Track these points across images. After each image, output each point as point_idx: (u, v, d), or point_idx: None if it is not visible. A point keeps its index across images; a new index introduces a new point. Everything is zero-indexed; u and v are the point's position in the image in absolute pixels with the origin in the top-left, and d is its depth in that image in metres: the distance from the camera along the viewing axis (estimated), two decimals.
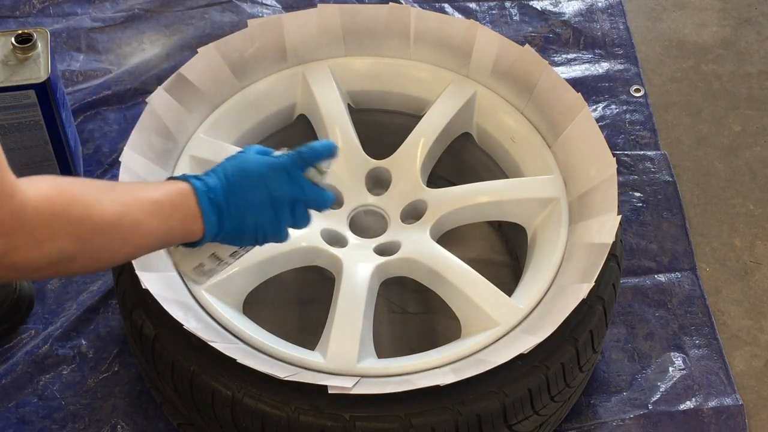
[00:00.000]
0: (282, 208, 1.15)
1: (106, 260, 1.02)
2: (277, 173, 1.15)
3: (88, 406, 1.52)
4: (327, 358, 1.30)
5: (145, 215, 1.03)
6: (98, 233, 0.97)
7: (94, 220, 0.97)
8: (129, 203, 1.02)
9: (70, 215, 0.94)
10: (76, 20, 2.07)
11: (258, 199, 1.13)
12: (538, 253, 1.46)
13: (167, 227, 1.06)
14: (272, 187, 1.14)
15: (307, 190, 1.17)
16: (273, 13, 2.09)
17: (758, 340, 1.65)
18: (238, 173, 1.13)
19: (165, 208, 1.05)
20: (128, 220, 1.01)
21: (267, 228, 1.15)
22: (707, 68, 2.07)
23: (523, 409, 1.28)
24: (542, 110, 1.55)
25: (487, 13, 2.14)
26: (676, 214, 1.80)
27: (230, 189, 1.11)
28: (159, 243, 1.08)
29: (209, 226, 1.09)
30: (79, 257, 0.96)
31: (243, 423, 1.26)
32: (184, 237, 1.10)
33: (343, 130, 1.56)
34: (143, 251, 1.07)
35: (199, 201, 1.08)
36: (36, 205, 0.91)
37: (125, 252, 1.03)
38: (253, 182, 1.13)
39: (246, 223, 1.13)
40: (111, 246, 1.00)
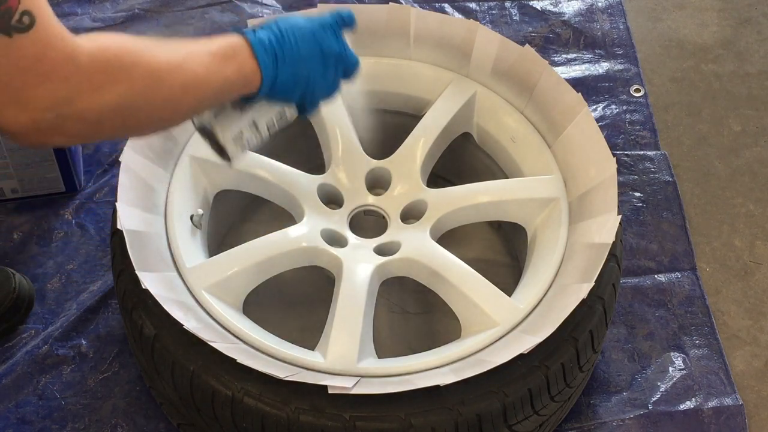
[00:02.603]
0: (329, 62, 1.20)
1: (171, 111, 1.04)
2: (326, 30, 1.20)
3: (88, 406, 1.52)
4: (327, 358, 1.30)
5: (200, 64, 1.05)
6: (155, 80, 0.99)
7: (150, 65, 0.99)
8: (183, 54, 1.04)
9: (122, 61, 0.96)
10: (76, 20, 2.07)
11: (310, 50, 1.18)
12: (538, 253, 1.46)
13: (225, 75, 1.08)
14: (322, 41, 1.19)
15: (349, 48, 1.24)
16: (273, 13, 2.09)
17: (758, 340, 1.65)
18: (289, 27, 1.17)
19: (220, 57, 1.08)
20: (185, 68, 1.03)
21: (317, 80, 1.20)
22: (707, 68, 2.07)
23: (523, 409, 1.28)
24: (542, 110, 1.55)
25: (487, 13, 2.14)
26: (676, 214, 1.80)
27: (284, 39, 1.15)
28: (219, 93, 1.09)
29: (266, 71, 1.12)
30: (142, 106, 0.98)
31: (243, 423, 1.26)
32: (243, 86, 1.12)
33: (343, 130, 1.56)
34: (206, 102, 1.09)
35: (253, 48, 1.11)
36: (89, 52, 0.93)
37: (188, 102, 1.05)
38: (306, 35, 1.18)
39: (299, 73, 1.17)
40: (171, 94, 1.02)
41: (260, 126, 1.23)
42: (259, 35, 1.14)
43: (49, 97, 0.91)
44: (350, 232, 1.50)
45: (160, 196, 1.45)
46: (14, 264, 1.66)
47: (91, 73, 0.93)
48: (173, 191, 1.46)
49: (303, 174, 1.53)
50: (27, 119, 0.91)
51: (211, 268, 1.39)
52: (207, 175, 1.51)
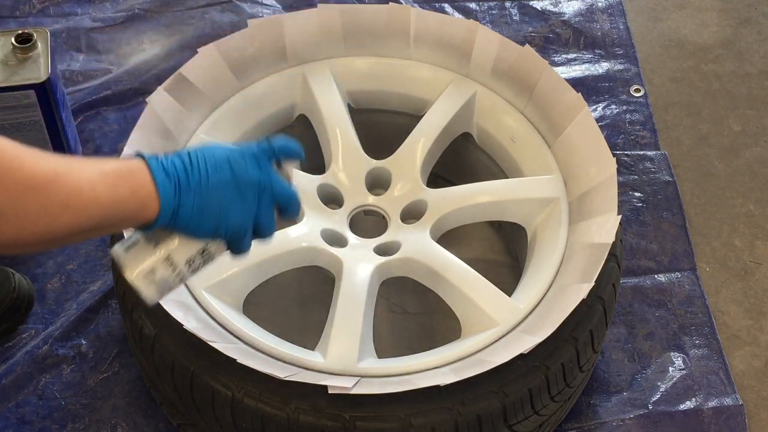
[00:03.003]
0: (247, 192, 1.05)
1: (45, 226, 0.90)
2: (244, 156, 1.06)
3: (88, 406, 1.52)
4: (327, 358, 1.30)
5: (87, 180, 0.93)
6: (30, 188, 0.87)
7: (25, 172, 0.87)
8: (69, 166, 0.92)
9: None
10: (76, 20, 2.07)
11: (221, 179, 1.03)
12: (538, 253, 1.46)
13: (115, 196, 0.95)
14: (238, 169, 1.04)
15: (274, 178, 1.08)
16: (273, 13, 2.09)
17: (758, 340, 1.65)
18: (200, 152, 1.04)
19: (113, 175, 0.95)
20: (68, 181, 0.91)
21: (231, 212, 1.04)
22: (707, 68, 2.07)
23: (523, 409, 1.28)
24: (542, 110, 1.55)
25: (487, 13, 2.14)
26: (676, 214, 1.80)
27: (191, 165, 1.02)
28: (108, 215, 0.95)
29: (165, 198, 0.98)
30: (9, 216, 0.86)
31: (243, 423, 1.26)
32: (137, 210, 0.98)
33: (343, 130, 1.56)
34: (89, 223, 0.94)
35: (152, 171, 0.98)
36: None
37: (67, 220, 0.91)
38: (218, 162, 1.03)
39: (208, 203, 1.02)
40: (48, 208, 0.89)
41: (178, 263, 1.06)
42: (163, 160, 1.01)
43: None
44: (350, 232, 1.50)
45: None
46: (14, 264, 1.66)
47: None
48: None
49: (303, 174, 1.53)
50: None
51: (211, 268, 1.39)
52: None
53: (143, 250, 1.05)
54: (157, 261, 1.05)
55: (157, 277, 1.06)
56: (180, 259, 1.06)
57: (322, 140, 1.59)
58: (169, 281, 1.07)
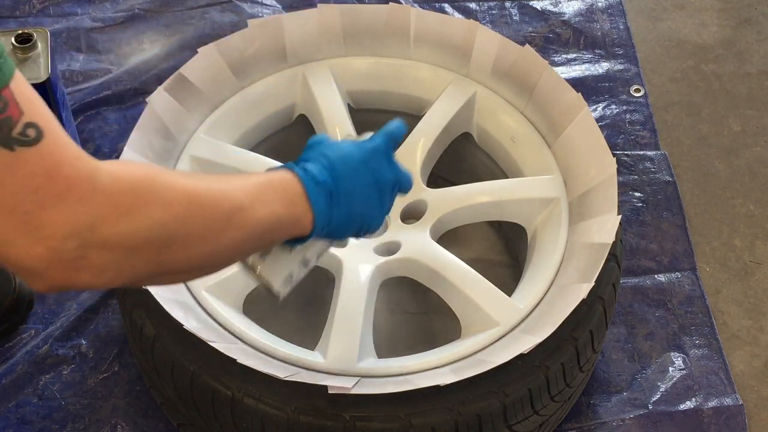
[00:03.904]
0: (385, 192, 1.10)
1: (213, 244, 0.89)
2: (378, 157, 1.09)
3: (88, 406, 1.52)
4: (327, 358, 1.30)
5: (247, 194, 0.92)
6: (194, 204, 0.86)
7: (186, 188, 0.86)
8: (225, 181, 0.92)
9: (152, 184, 0.84)
10: (76, 20, 2.07)
11: (366, 183, 1.06)
12: (538, 253, 1.46)
13: (273, 214, 0.95)
14: (377, 171, 1.08)
15: (402, 171, 1.13)
16: (273, 13, 2.09)
17: (758, 340, 1.65)
18: (340, 158, 1.05)
19: (267, 191, 0.95)
20: (229, 195, 0.91)
21: (373, 214, 1.09)
22: (707, 68, 2.07)
23: (523, 409, 1.28)
24: (542, 110, 1.55)
25: (487, 13, 2.14)
26: (676, 214, 1.80)
27: (336, 174, 1.03)
28: (266, 230, 0.95)
29: (319, 212, 1.00)
30: (179, 234, 0.85)
31: (243, 423, 1.26)
32: (292, 225, 0.99)
33: (343, 130, 1.56)
34: (251, 240, 0.94)
35: (304, 186, 0.99)
36: (111, 173, 0.81)
37: (232, 236, 0.90)
38: (358, 166, 1.06)
39: (354, 209, 1.05)
40: (213, 222, 0.88)
41: (310, 260, 1.12)
42: (310, 170, 1.01)
43: (67, 221, 0.77)
44: None
45: None
46: None
47: (115, 195, 0.80)
48: None
49: None
50: (44, 250, 0.77)
51: None
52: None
53: (280, 256, 1.08)
54: (295, 264, 1.10)
55: (294, 278, 1.11)
56: (312, 257, 1.12)
57: None
58: (300, 277, 1.12)
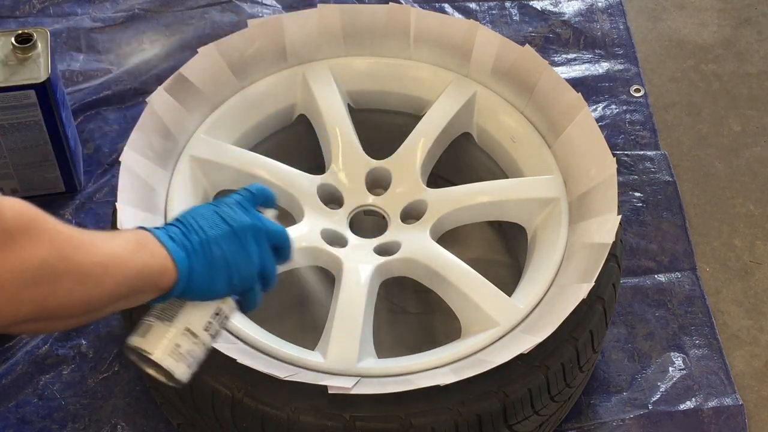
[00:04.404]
0: (246, 237, 1.07)
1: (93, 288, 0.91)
2: (230, 206, 1.09)
3: (88, 406, 1.52)
4: (327, 358, 1.30)
5: (117, 245, 0.95)
6: (76, 248, 0.89)
7: (68, 234, 0.89)
8: (97, 233, 0.95)
9: (43, 223, 0.86)
10: (76, 20, 2.07)
11: (219, 231, 1.06)
12: (538, 253, 1.46)
13: (140, 261, 0.97)
14: (230, 218, 1.07)
15: (264, 219, 1.11)
16: (273, 13, 2.09)
17: (758, 340, 1.65)
18: (190, 215, 1.07)
19: (132, 242, 0.98)
20: (102, 245, 0.93)
21: (238, 261, 1.06)
22: (707, 68, 2.07)
23: (523, 409, 1.28)
24: (542, 110, 1.55)
25: (487, 13, 2.14)
26: (676, 214, 1.80)
27: (188, 228, 1.04)
28: (138, 280, 0.97)
29: (179, 260, 1.00)
30: (63, 277, 0.87)
31: (243, 423, 1.26)
32: (159, 277, 0.99)
33: (343, 130, 1.56)
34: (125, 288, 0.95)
35: (160, 240, 1.01)
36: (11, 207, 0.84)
37: (109, 283, 0.93)
38: (209, 219, 1.07)
39: (215, 258, 1.04)
40: (93, 266, 0.90)
41: (197, 332, 1.07)
42: (163, 229, 1.03)
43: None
44: (350, 232, 1.50)
45: (160, 196, 1.45)
46: None
47: (13, 230, 0.82)
48: (173, 191, 1.46)
49: (303, 174, 1.53)
50: None
51: None
52: (207, 175, 1.51)
53: (160, 330, 1.05)
54: (178, 334, 1.05)
55: (183, 351, 1.06)
56: (198, 327, 1.07)
57: (322, 140, 1.59)
58: (194, 352, 1.07)
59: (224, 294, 1.08)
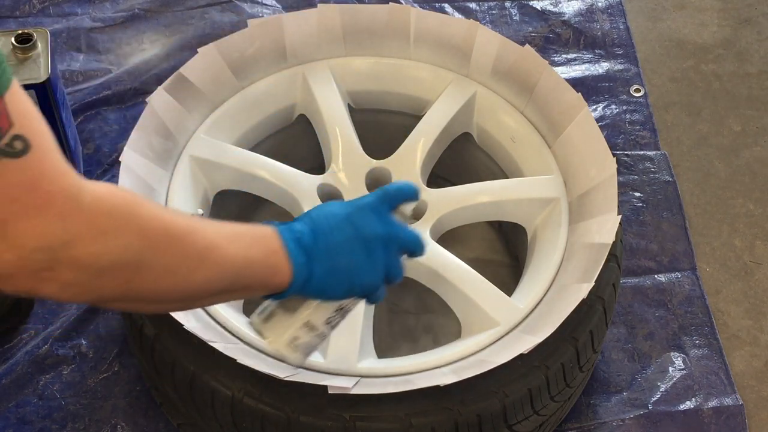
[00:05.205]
0: (375, 247, 1.05)
1: (184, 279, 0.89)
2: (364, 211, 1.07)
3: (88, 406, 1.52)
4: (327, 358, 1.30)
5: (223, 237, 0.92)
6: (169, 236, 0.87)
7: (164, 221, 0.87)
8: (203, 222, 0.92)
9: (133, 210, 0.84)
10: (76, 20, 2.07)
11: (348, 237, 1.03)
12: (538, 253, 1.46)
13: (248, 257, 0.95)
14: (361, 225, 1.05)
15: (398, 227, 1.09)
16: (273, 13, 2.09)
17: (758, 340, 1.65)
18: (322, 215, 1.05)
19: (245, 236, 0.96)
20: (204, 233, 0.90)
21: (362, 270, 1.05)
22: (707, 68, 2.07)
23: (523, 409, 1.28)
24: (542, 110, 1.55)
25: (487, 13, 2.14)
26: (676, 214, 1.80)
27: (317, 230, 1.02)
28: (241, 276, 0.95)
29: (297, 266, 0.99)
30: (149, 266, 0.85)
31: (243, 423, 1.26)
32: (269, 276, 0.98)
33: (343, 130, 1.56)
34: (223, 282, 0.93)
35: (283, 239, 0.99)
36: (95, 193, 0.82)
37: (204, 274, 0.90)
38: (340, 222, 1.04)
39: (338, 266, 1.03)
40: (185, 261, 0.88)
41: (317, 325, 1.08)
42: (290, 226, 1.01)
43: (41, 234, 0.78)
44: None
45: (160, 196, 1.45)
46: None
47: (95, 215, 0.81)
48: (173, 191, 1.46)
49: (303, 174, 1.53)
50: (13, 257, 0.78)
51: None
52: (207, 175, 1.51)
53: (282, 319, 1.06)
54: (298, 328, 1.07)
55: (300, 343, 1.08)
56: (319, 322, 1.08)
57: (322, 140, 1.59)
58: (311, 343, 1.09)
59: (342, 298, 1.07)
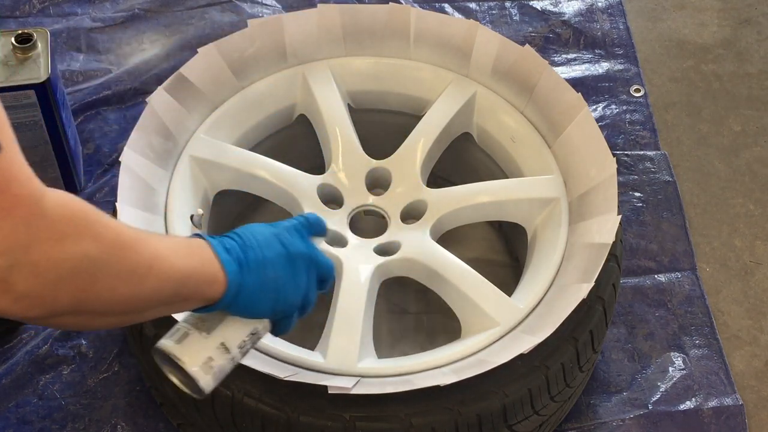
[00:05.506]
0: (299, 266, 1.08)
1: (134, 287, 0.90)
2: (290, 231, 1.10)
3: (88, 406, 1.52)
4: (327, 358, 1.30)
5: (165, 247, 0.94)
6: (122, 245, 0.88)
7: (117, 230, 0.88)
8: (146, 233, 0.94)
9: (89, 218, 0.85)
10: (76, 20, 2.07)
11: (276, 253, 1.06)
12: (538, 253, 1.46)
13: (188, 267, 0.96)
14: (288, 243, 1.08)
15: (318, 251, 1.12)
16: (273, 13, 2.09)
17: (758, 340, 1.65)
18: (249, 232, 1.07)
19: (182, 247, 0.97)
20: (150, 243, 0.92)
21: (287, 287, 1.07)
22: (707, 68, 2.07)
23: (523, 409, 1.28)
24: (542, 110, 1.55)
25: (487, 13, 2.14)
26: (676, 214, 1.80)
27: (245, 244, 1.04)
28: (183, 285, 0.96)
29: (232, 275, 1.00)
30: (104, 274, 0.86)
31: (243, 423, 1.26)
32: (206, 285, 0.99)
33: (343, 130, 1.56)
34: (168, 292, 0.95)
35: (214, 250, 1.00)
36: (57, 199, 0.83)
37: (152, 284, 0.91)
38: (268, 238, 1.07)
39: (267, 279, 1.04)
40: (137, 265, 0.89)
41: (231, 349, 1.07)
42: (220, 239, 1.03)
43: (5, 238, 0.78)
44: (350, 232, 1.50)
45: (160, 196, 1.45)
46: None
47: (56, 220, 0.81)
48: (173, 191, 1.46)
49: (303, 174, 1.53)
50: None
51: None
52: (207, 175, 1.51)
53: (197, 340, 1.05)
54: (213, 349, 1.05)
55: (214, 365, 1.05)
56: (233, 344, 1.07)
57: (322, 140, 1.59)
58: (224, 367, 1.07)
59: (266, 316, 1.08)
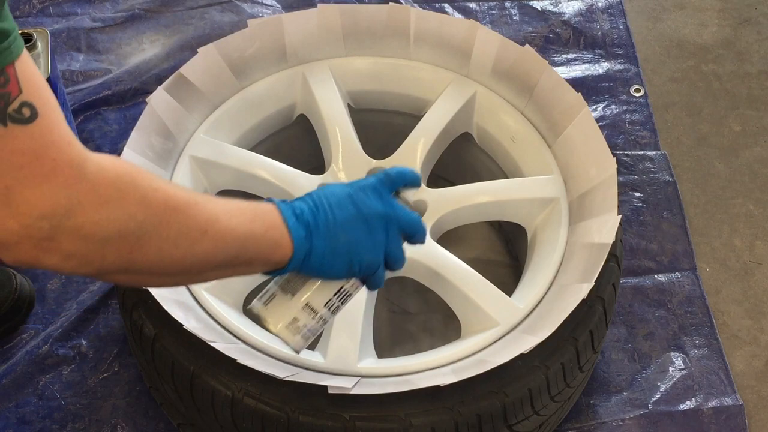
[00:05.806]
0: (375, 226, 1.05)
1: (185, 252, 0.89)
2: (365, 191, 1.07)
3: (88, 406, 1.52)
4: (327, 358, 1.30)
5: (224, 211, 0.93)
6: (171, 208, 0.87)
7: (167, 193, 0.87)
8: (205, 196, 0.93)
9: (136, 180, 0.84)
10: (76, 20, 2.07)
11: (348, 215, 1.04)
12: (538, 253, 1.46)
13: (250, 230, 0.95)
14: (362, 203, 1.05)
15: (399, 207, 1.09)
16: (273, 13, 2.09)
17: (758, 340, 1.65)
18: (323, 194, 1.05)
19: (247, 211, 0.96)
20: (206, 207, 0.91)
21: (362, 248, 1.04)
22: (707, 68, 2.07)
23: (523, 409, 1.28)
24: (542, 110, 1.55)
25: (487, 13, 2.14)
26: (676, 214, 1.80)
27: (317, 207, 1.03)
28: (242, 250, 0.95)
29: (297, 240, 0.99)
30: (151, 237, 0.85)
31: (243, 423, 1.26)
32: (270, 251, 0.98)
33: (343, 130, 1.56)
34: (225, 255, 0.93)
35: (282, 214, 0.99)
36: (99, 163, 0.82)
37: (205, 247, 0.90)
38: (341, 200, 1.04)
39: (338, 242, 1.02)
40: (187, 230, 0.88)
41: (317, 308, 1.08)
42: (291, 204, 1.02)
43: (45, 202, 0.78)
44: None
45: None
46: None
47: (98, 184, 0.81)
48: None
49: (303, 174, 1.53)
50: (17, 225, 0.78)
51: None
52: (207, 175, 1.51)
53: (282, 302, 1.07)
54: (297, 310, 1.08)
55: (300, 325, 1.08)
56: (318, 304, 1.09)
57: (322, 140, 1.59)
58: (312, 327, 1.09)
59: (342, 276, 1.07)
